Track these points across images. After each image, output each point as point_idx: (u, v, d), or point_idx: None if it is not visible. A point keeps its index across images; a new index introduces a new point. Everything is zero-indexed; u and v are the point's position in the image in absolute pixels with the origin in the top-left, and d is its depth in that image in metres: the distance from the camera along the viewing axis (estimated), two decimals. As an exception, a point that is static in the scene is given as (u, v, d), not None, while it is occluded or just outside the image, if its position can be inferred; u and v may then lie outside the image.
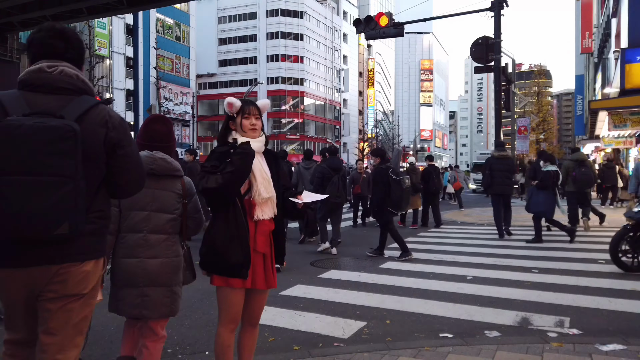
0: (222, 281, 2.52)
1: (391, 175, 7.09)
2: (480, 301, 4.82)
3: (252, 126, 2.63)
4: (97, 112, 1.91)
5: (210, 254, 2.50)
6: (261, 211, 2.62)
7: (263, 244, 2.65)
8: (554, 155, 12.37)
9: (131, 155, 2.01)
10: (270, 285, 2.69)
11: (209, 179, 2.42)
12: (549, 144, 53.01)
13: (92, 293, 1.96)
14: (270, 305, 4.66)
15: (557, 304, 4.71)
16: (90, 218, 1.89)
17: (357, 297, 4.98)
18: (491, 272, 6.14)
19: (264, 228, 2.66)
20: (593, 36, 37.16)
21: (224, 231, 2.49)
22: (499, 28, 12.26)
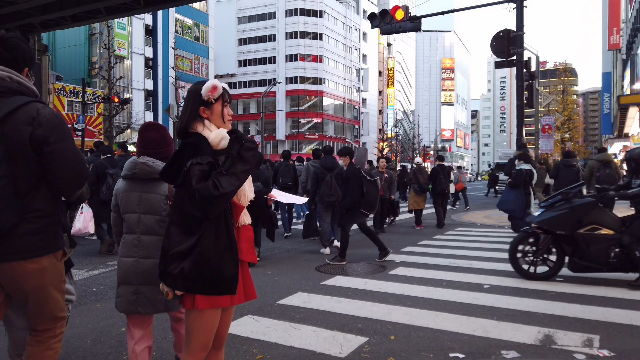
0: (208, 302, 2.10)
1: (365, 175, 6.77)
2: (497, 314, 4.34)
3: (230, 116, 2.27)
4: (25, 110, 1.93)
5: (204, 270, 2.06)
6: (245, 215, 2.29)
7: (248, 252, 2.29)
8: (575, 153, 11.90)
9: (60, 152, 1.98)
10: (251, 296, 2.34)
11: (222, 181, 1.98)
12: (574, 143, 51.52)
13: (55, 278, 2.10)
14: (265, 315, 4.29)
15: (585, 318, 4.20)
16: (29, 217, 1.94)
17: (360, 308, 4.54)
18: (510, 281, 5.63)
19: (248, 234, 2.31)
20: (621, 32, 35.94)
21: (216, 241, 2.09)
22: (521, 20, 11.64)
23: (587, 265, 5.46)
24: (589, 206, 5.46)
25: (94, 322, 4.14)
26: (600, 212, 5.53)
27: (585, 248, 5.41)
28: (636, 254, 5.23)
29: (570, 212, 5.46)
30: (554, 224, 5.54)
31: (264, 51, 64.86)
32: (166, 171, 2.15)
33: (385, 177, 10.25)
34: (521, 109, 12.17)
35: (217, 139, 2.14)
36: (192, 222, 2.06)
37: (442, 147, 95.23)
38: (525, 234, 5.81)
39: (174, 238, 2.08)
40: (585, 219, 5.43)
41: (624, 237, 5.31)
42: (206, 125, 2.17)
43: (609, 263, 5.35)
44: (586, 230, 5.43)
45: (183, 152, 2.08)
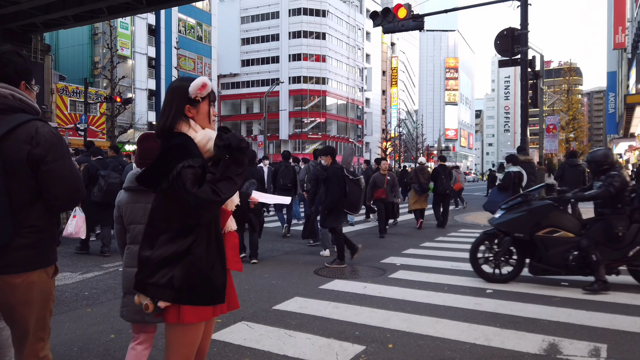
0: (195, 315, 1.96)
1: (347, 175, 6.64)
2: (500, 321, 4.19)
3: (214, 116, 2.13)
4: (25, 129, 1.95)
5: (195, 279, 1.92)
6: (231, 221, 2.18)
7: (233, 260, 2.17)
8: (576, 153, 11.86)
9: (57, 171, 1.99)
10: (234, 306, 2.22)
11: (221, 186, 1.87)
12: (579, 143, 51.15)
13: (44, 298, 2.07)
14: (259, 321, 4.16)
15: (592, 326, 4.04)
16: (24, 233, 1.97)
17: (359, 314, 4.40)
18: (514, 285, 5.47)
19: (234, 241, 2.20)
20: (626, 31, 35.64)
21: (208, 249, 1.96)
22: (525, 18, 11.44)
23: (545, 268, 5.41)
24: (546, 209, 5.41)
25: (83, 328, 4.01)
26: (559, 214, 5.47)
27: (544, 251, 5.34)
28: (592, 258, 5.14)
29: (528, 214, 5.42)
30: (512, 227, 5.49)
31: (267, 51, 64.76)
32: (148, 175, 1.99)
33: (388, 179, 9.97)
34: (525, 108, 11.98)
35: (204, 140, 2.00)
36: (183, 229, 1.93)
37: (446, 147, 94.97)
38: (485, 236, 5.75)
39: (159, 245, 1.93)
40: (543, 222, 5.38)
41: (582, 240, 5.23)
42: (191, 125, 2.02)
43: (567, 266, 5.29)
44: (545, 233, 5.37)
45: (170, 154, 1.92)
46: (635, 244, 5.21)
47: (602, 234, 5.23)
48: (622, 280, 5.57)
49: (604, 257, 5.22)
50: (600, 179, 5.39)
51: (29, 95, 2.10)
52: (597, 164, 5.47)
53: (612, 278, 5.65)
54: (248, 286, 5.47)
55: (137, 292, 1.98)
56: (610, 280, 5.55)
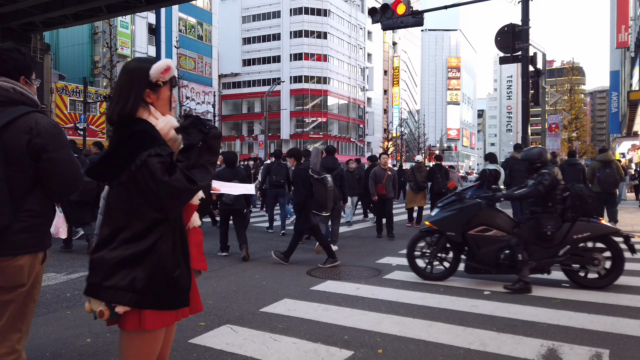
0: (158, 321, 1.78)
1: (312, 175, 6.54)
2: (497, 324, 3.99)
3: (175, 103, 1.95)
4: (25, 120, 2.04)
5: (160, 280, 1.74)
6: (195, 216, 2.01)
7: (197, 259, 2.00)
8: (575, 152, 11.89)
9: (58, 160, 2.07)
10: (196, 309, 2.04)
11: (196, 174, 1.71)
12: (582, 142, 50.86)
13: (32, 284, 2.12)
14: (245, 324, 3.97)
15: (593, 330, 3.85)
16: (21, 217, 2.04)
17: (349, 317, 4.21)
18: (513, 286, 5.27)
19: (198, 238, 2.03)
20: (630, 29, 35.35)
21: (174, 247, 1.79)
22: (526, 14, 11.21)
23: (478, 267, 5.37)
24: (475, 207, 5.37)
25: (59, 331, 3.83)
26: (491, 213, 5.42)
27: (476, 249, 5.33)
28: (518, 257, 5.07)
29: (459, 213, 5.40)
30: (444, 225, 5.49)
31: (268, 50, 64.62)
32: (103, 166, 1.78)
33: (389, 174, 9.47)
34: (526, 106, 11.77)
35: (166, 127, 1.82)
36: (145, 225, 1.74)
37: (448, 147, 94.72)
38: (421, 234, 5.74)
39: (118, 245, 1.73)
40: (475, 220, 5.35)
41: (511, 239, 5.20)
42: (151, 111, 1.84)
43: (499, 265, 5.25)
44: (477, 232, 5.35)
45: (131, 141, 1.72)
46: (566, 243, 5.17)
47: (532, 232, 5.19)
48: (622, 282, 5.37)
49: (535, 255, 5.18)
50: (533, 177, 5.34)
51: (30, 89, 2.20)
52: (530, 162, 5.48)
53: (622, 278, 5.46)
54: (237, 287, 5.29)
55: (89, 297, 1.78)
56: (625, 282, 5.36)
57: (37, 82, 2.30)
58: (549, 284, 5.39)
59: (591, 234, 5.17)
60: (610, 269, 5.18)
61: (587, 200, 5.18)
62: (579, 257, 5.22)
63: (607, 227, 5.28)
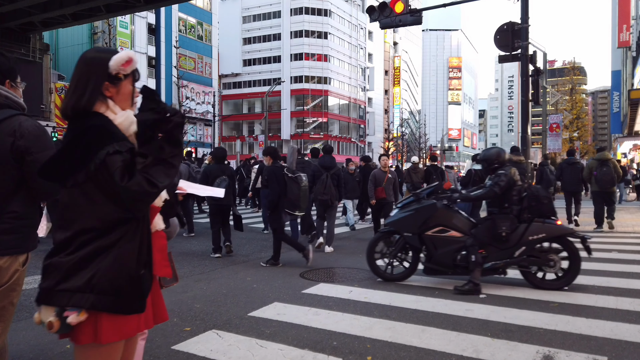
0: (116, 332, 1.62)
1: (286, 173, 6.48)
2: (491, 329, 3.86)
3: (137, 98, 1.81)
4: (9, 123, 2.05)
5: (121, 279, 1.59)
6: (159, 219, 1.86)
7: (160, 265, 1.83)
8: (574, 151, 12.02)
9: (42, 161, 1.91)
10: (161, 318, 1.88)
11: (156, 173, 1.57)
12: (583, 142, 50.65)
13: (10, 286, 2.08)
14: (231, 330, 3.85)
15: (591, 335, 3.71)
16: (4, 218, 2.05)
17: (339, 321, 4.08)
18: (510, 290, 5.14)
19: (161, 242, 1.87)
20: (631, 29, 35.18)
21: (140, 247, 1.65)
22: (526, 12, 11.06)
23: (435, 268, 5.34)
24: (431, 208, 5.34)
25: (38, 337, 3.71)
26: (447, 214, 5.38)
27: (434, 250, 5.30)
28: (471, 258, 5.00)
29: (415, 214, 5.37)
30: (401, 226, 5.46)
31: (268, 50, 64.52)
32: (55, 164, 1.61)
33: (389, 177, 9.11)
34: (526, 105, 11.62)
35: (126, 122, 1.68)
36: (108, 225, 1.59)
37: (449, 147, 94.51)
38: (381, 234, 5.69)
39: (75, 249, 1.58)
40: (432, 221, 5.32)
41: (467, 240, 5.15)
42: (110, 106, 1.69)
43: (456, 266, 5.21)
44: (434, 232, 5.32)
45: (85, 138, 1.57)
46: (522, 244, 5.10)
47: (488, 233, 5.14)
48: (623, 285, 5.24)
49: (491, 257, 5.13)
50: (491, 177, 5.29)
51: (15, 92, 2.20)
52: (488, 162, 5.40)
53: (621, 281, 5.33)
54: (227, 290, 5.17)
55: (40, 305, 1.64)
56: (613, 285, 5.23)
57: (22, 85, 2.28)
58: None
59: (547, 235, 5.13)
60: (567, 270, 5.14)
61: (543, 201, 5.17)
62: (535, 258, 5.16)
63: (563, 228, 5.25)
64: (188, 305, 4.57)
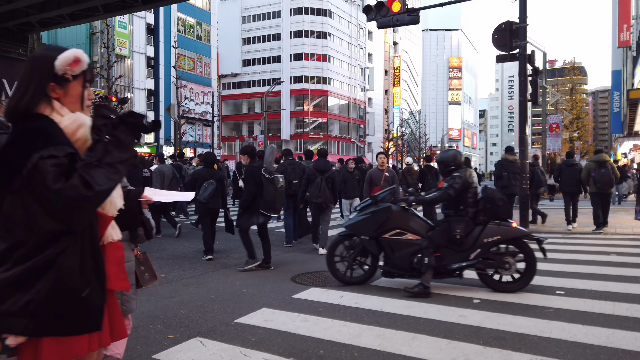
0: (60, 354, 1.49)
1: (263, 174, 6.37)
2: (484, 337, 3.75)
3: (90, 101, 1.69)
4: None
5: (63, 302, 1.48)
6: (112, 229, 1.72)
7: (117, 278, 1.72)
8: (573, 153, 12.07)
9: None
10: (119, 334, 1.74)
11: (96, 175, 1.43)
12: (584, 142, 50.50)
13: None
14: (216, 337, 3.73)
15: (587, 343, 3.59)
16: None
17: (328, 328, 3.96)
18: (504, 294, 5.00)
19: (117, 254, 1.74)
20: (631, 28, 35.04)
21: (82, 263, 1.51)
22: (524, 11, 10.93)
23: (392, 271, 5.32)
24: (385, 211, 5.29)
25: None
26: (405, 216, 5.33)
27: (391, 253, 5.27)
28: (424, 260, 4.98)
29: (371, 217, 5.33)
30: (358, 229, 5.42)
31: (268, 50, 64.44)
32: None
33: (386, 175, 8.81)
34: (524, 105, 11.47)
35: (73, 124, 1.55)
36: (44, 238, 1.46)
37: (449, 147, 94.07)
38: (340, 238, 5.64)
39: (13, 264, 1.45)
40: (388, 224, 5.27)
41: (422, 242, 5.12)
42: (56, 107, 1.57)
43: (412, 268, 5.18)
44: (391, 235, 5.27)
45: (22, 141, 1.46)
46: (477, 246, 5.07)
47: (443, 236, 5.11)
48: (620, 290, 5.12)
49: (447, 259, 5.10)
50: (447, 180, 5.25)
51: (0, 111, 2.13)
52: (444, 164, 5.36)
53: (618, 286, 5.21)
54: (215, 295, 5.05)
55: None
56: (609, 290, 5.11)
57: (5, 101, 2.23)
58: (543, 291, 5.14)
59: (501, 237, 5.10)
60: (523, 273, 5.10)
61: (498, 203, 5.13)
62: (490, 260, 5.11)
63: (518, 230, 5.20)
64: (174, 311, 4.46)
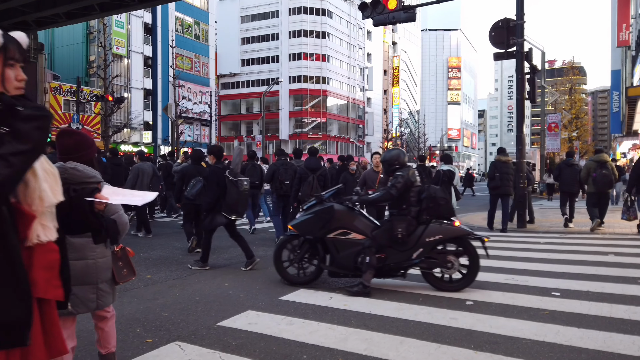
0: None
1: (227, 175, 6.25)
2: (475, 340, 3.60)
3: (20, 82, 1.52)
4: None
5: None
6: (42, 228, 1.53)
7: (47, 285, 1.54)
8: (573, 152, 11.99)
9: None
10: (58, 351, 1.56)
11: None
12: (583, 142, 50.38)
13: None
14: (196, 341, 3.58)
15: (582, 347, 3.44)
16: None
17: (314, 332, 3.81)
18: (498, 295, 4.87)
19: (48, 258, 1.55)
20: (630, 28, 34.91)
21: None
22: (521, 8, 10.79)
23: (337, 272, 5.28)
24: (327, 211, 5.25)
25: None
26: (350, 216, 5.28)
27: (336, 253, 5.23)
28: (366, 259, 4.94)
29: (314, 217, 5.29)
30: (303, 229, 5.36)
31: (267, 50, 64.24)
32: None
33: (381, 177, 8.29)
34: (521, 103, 11.34)
35: None
36: None
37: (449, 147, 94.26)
38: (287, 238, 5.58)
39: None
40: (333, 224, 5.22)
41: (365, 242, 5.08)
42: None
43: (357, 268, 5.12)
44: (336, 235, 5.23)
45: None
46: (419, 246, 5.04)
47: (385, 235, 5.06)
48: (618, 291, 4.98)
49: (391, 259, 5.06)
50: (390, 179, 5.20)
51: None
52: (388, 163, 5.32)
53: (616, 287, 5.07)
54: (200, 297, 4.90)
55: None
56: (607, 291, 4.97)
57: None
58: (538, 293, 4.99)
59: (443, 236, 5.07)
60: (466, 271, 5.09)
61: (440, 202, 5.07)
62: (433, 260, 5.08)
63: (460, 229, 5.14)
64: (155, 313, 4.30)
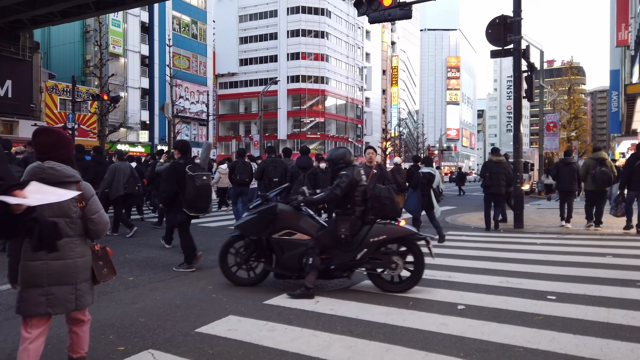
0: None
1: (187, 171, 6.10)
2: (465, 348, 3.41)
3: None
4: None
5: None
6: None
7: None
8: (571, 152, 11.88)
9: None
10: None
11: None
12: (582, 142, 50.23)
13: None
14: (170, 349, 3.39)
15: (577, 355, 3.26)
16: None
17: (296, 339, 3.62)
18: (491, 299, 4.68)
19: None
20: (630, 27, 34.76)
21: None
22: (519, 4, 10.60)
23: (282, 273, 5.21)
24: (270, 211, 5.13)
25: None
26: (294, 216, 5.17)
27: (281, 254, 5.12)
28: (309, 261, 4.83)
29: (258, 217, 5.17)
30: (246, 229, 5.26)
31: (265, 50, 64.11)
32: None
33: (374, 172, 8.12)
34: (518, 102, 11.15)
35: None
36: None
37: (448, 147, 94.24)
38: (232, 238, 5.45)
39: None
40: (277, 224, 5.11)
41: (309, 242, 4.97)
42: None
43: (301, 269, 5.01)
44: (281, 236, 5.11)
45: None
46: (364, 246, 4.93)
47: (329, 236, 4.96)
48: (616, 294, 4.79)
49: (335, 260, 4.96)
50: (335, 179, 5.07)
51: None
52: (333, 162, 5.23)
53: (614, 290, 4.88)
54: (181, 301, 4.71)
55: None
56: (605, 295, 4.78)
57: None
58: (532, 296, 4.80)
59: (387, 236, 4.97)
60: (411, 272, 5.02)
61: (385, 202, 4.96)
62: (378, 260, 4.98)
63: (404, 229, 5.04)
64: (132, 319, 4.11)
